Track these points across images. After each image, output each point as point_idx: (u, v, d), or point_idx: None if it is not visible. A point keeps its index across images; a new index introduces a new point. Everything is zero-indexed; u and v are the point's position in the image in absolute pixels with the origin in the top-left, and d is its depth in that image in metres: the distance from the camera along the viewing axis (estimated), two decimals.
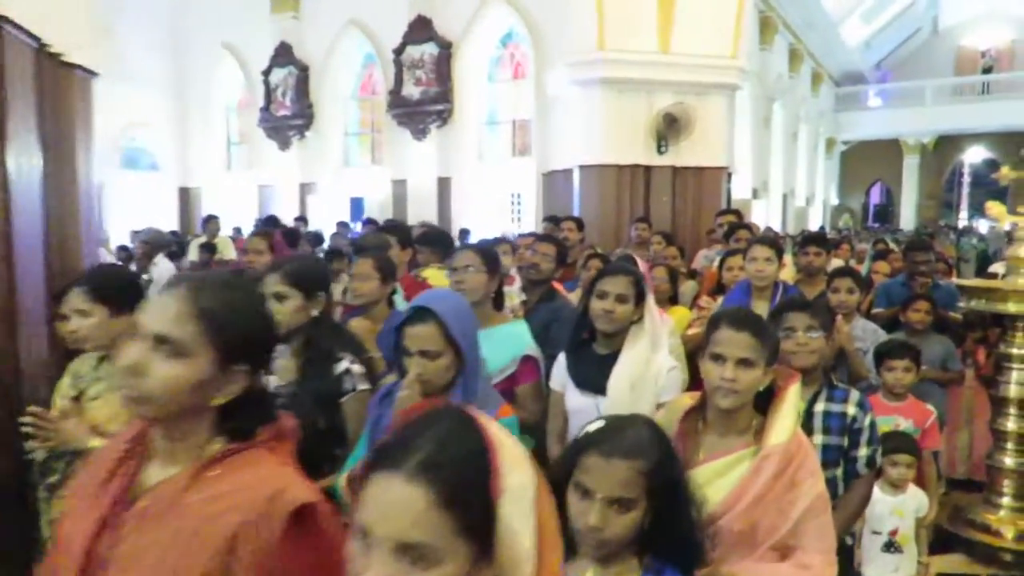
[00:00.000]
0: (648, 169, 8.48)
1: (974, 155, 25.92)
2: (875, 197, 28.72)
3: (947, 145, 25.01)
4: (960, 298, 3.94)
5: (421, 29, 10.77)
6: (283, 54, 12.54)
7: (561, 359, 2.34)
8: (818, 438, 2.12)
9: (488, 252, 2.54)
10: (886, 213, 27.19)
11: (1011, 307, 3.59)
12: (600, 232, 8.12)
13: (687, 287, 4.61)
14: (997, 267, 6.03)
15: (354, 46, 12.08)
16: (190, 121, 13.87)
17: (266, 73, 12.77)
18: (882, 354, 3.12)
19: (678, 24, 8.30)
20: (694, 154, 8.52)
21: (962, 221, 24.90)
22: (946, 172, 26.59)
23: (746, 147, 14.40)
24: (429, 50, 10.75)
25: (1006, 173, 3.77)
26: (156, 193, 13.57)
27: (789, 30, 16.81)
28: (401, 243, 3.40)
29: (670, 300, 4.09)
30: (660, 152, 8.47)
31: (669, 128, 8.34)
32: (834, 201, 25.44)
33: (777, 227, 16.11)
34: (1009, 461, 3.72)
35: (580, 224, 5.23)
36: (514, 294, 3.30)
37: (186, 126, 13.88)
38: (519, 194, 10.56)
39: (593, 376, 2.20)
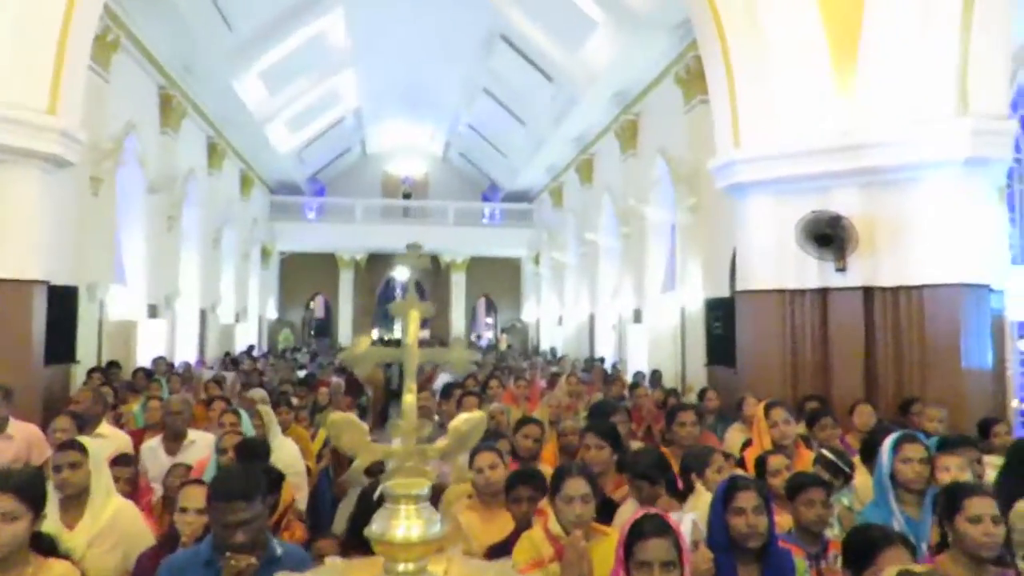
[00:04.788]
0: None
1: (401, 273, 28.24)
2: (319, 310, 28.77)
3: (378, 262, 26.54)
4: None
5: None
6: None
7: None
8: None
9: None
10: (327, 327, 27.25)
11: None
12: None
13: None
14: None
15: None
16: None
17: None
18: None
19: None
20: None
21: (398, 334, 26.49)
22: (379, 287, 28.24)
23: (139, 254, 11.42)
24: None
25: None
26: None
27: (205, 119, 14.80)
28: None
29: None
30: None
31: None
32: (273, 315, 24.13)
33: (192, 351, 13.33)
34: None
35: None
36: None
37: None
38: None
39: None
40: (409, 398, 1.87)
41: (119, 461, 3.66)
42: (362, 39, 15.56)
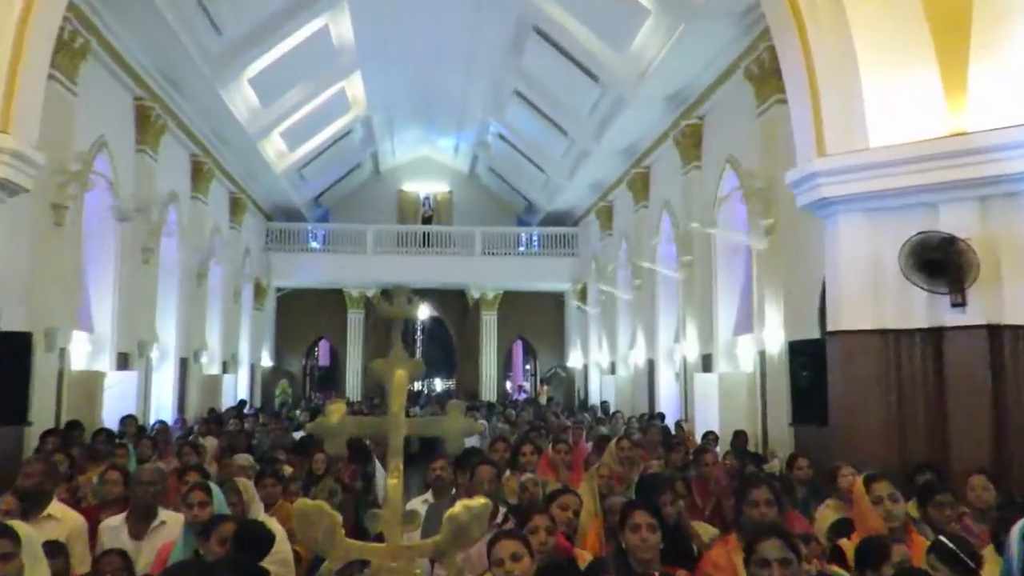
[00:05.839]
0: None
1: (421, 312, 28.31)
2: (324, 357, 28.88)
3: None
4: None
5: None
6: None
7: None
8: None
9: None
10: (332, 378, 27.34)
11: None
12: None
13: None
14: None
15: None
16: None
17: None
18: None
19: None
20: None
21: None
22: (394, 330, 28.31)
23: (109, 293, 11.61)
24: None
25: None
26: None
27: (189, 135, 15.15)
28: None
29: None
30: None
31: None
32: (268, 363, 24.34)
33: (168, 411, 13.44)
34: None
35: None
36: None
37: None
38: None
39: None
40: (393, 482, 1.76)
41: (46, 550, 3.58)
42: (371, 37, 15.85)
